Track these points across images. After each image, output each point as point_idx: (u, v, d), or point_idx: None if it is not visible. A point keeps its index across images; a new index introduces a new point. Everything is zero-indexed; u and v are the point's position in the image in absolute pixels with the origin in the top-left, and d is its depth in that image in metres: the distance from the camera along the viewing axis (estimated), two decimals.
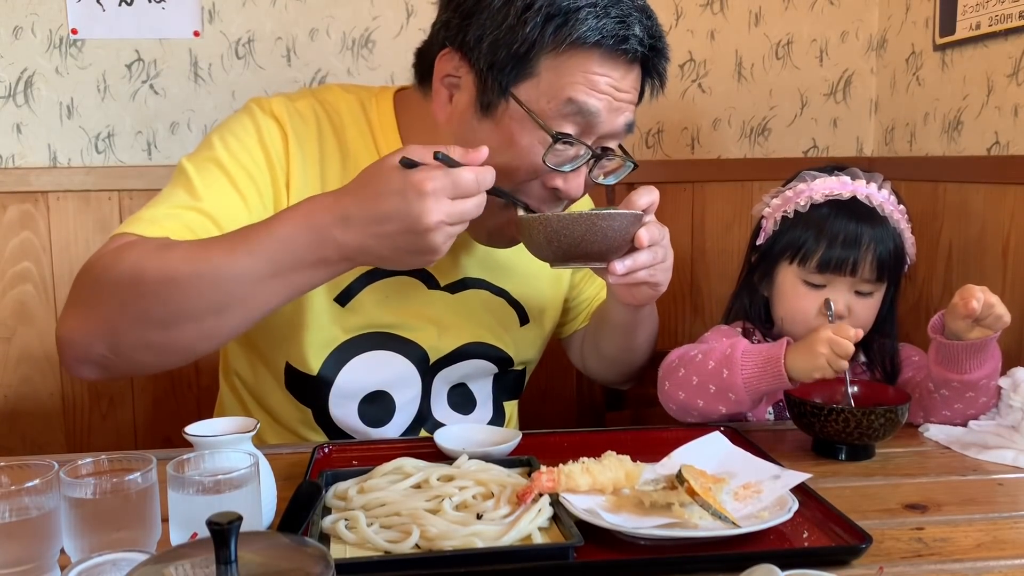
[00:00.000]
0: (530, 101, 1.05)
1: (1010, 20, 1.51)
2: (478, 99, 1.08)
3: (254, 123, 1.14)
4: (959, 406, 1.20)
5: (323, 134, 1.18)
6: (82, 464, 0.80)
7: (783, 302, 1.31)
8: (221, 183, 1.10)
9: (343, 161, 1.18)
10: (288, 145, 1.14)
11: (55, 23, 1.73)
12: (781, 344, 1.14)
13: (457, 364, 1.28)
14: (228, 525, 0.55)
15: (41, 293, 1.78)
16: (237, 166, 1.11)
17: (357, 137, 1.19)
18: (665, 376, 1.22)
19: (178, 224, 1.05)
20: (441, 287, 1.24)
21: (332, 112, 1.20)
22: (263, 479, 0.86)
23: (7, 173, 1.74)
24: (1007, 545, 0.86)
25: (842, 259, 1.25)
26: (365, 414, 1.24)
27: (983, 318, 1.13)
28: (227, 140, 1.13)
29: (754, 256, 1.38)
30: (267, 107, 1.16)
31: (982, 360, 1.16)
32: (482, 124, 1.08)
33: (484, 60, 1.05)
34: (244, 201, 1.10)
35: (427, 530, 0.82)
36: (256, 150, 1.13)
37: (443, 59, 1.10)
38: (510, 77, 1.05)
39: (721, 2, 1.92)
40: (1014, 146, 1.54)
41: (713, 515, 0.84)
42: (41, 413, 1.81)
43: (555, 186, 1.09)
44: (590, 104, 1.04)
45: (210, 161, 1.11)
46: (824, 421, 1.09)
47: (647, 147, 1.95)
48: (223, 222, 1.07)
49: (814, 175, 1.32)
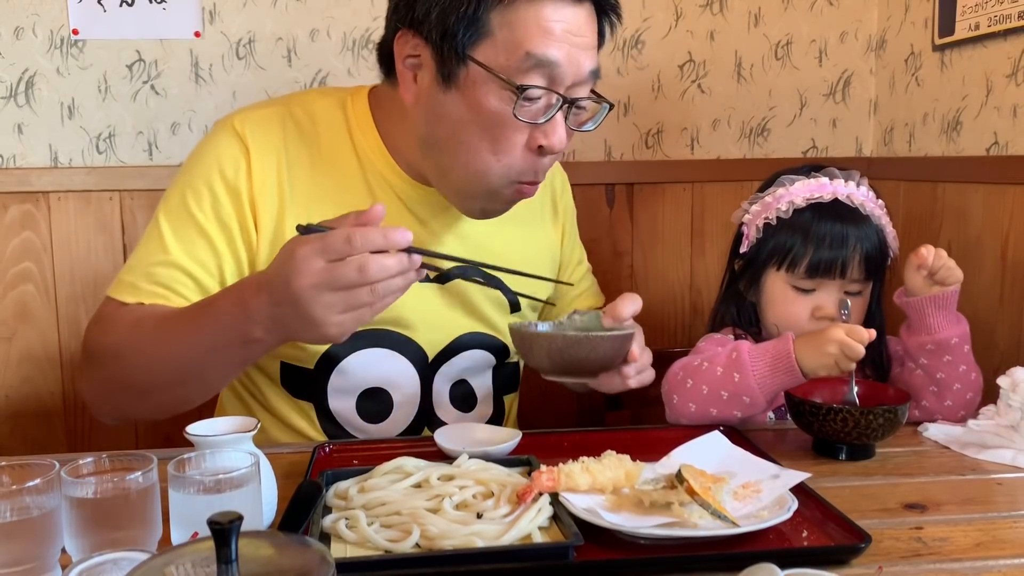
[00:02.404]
0: (489, 61, 1.04)
1: (1009, 20, 1.51)
2: (439, 71, 1.08)
3: (214, 153, 1.17)
4: (942, 376, 1.22)
5: (289, 140, 1.19)
6: (83, 463, 0.80)
7: (773, 309, 1.31)
8: (187, 231, 1.14)
9: (312, 165, 1.19)
10: (250, 159, 1.16)
11: (56, 23, 1.73)
12: (787, 339, 1.13)
13: (456, 358, 1.28)
14: (229, 524, 0.55)
15: (42, 293, 1.78)
16: (201, 209, 1.15)
17: (334, 138, 1.20)
18: (672, 391, 1.20)
19: (153, 285, 1.13)
20: (431, 279, 1.24)
21: (304, 117, 1.21)
22: (264, 478, 0.86)
23: (8, 173, 1.74)
24: (1006, 545, 0.87)
25: (831, 262, 1.25)
26: (363, 409, 1.25)
27: (936, 271, 1.21)
28: (194, 184, 1.16)
29: (738, 263, 1.38)
30: (230, 126, 1.18)
31: (948, 317, 1.22)
32: (448, 96, 1.08)
33: (436, 31, 1.05)
34: (210, 243, 1.15)
35: (427, 529, 0.82)
36: (217, 184, 1.15)
37: (399, 41, 1.11)
38: (465, 41, 1.04)
39: (721, 3, 1.93)
40: (1013, 146, 1.54)
41: (713, 514, 0.84)
42: (42, 413, 1.81)
43: (539, 144, 1.09)
44: (549, 54, 1.04)
45: (178, 209, 1.16)
46: (823, 421, 1.09)
47: (647, 147, 1.95)
48: (193, 270, 1.14)
49: (792, 178, 1.32)
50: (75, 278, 1.79)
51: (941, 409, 1.24)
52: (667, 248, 1.99)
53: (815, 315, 1.28)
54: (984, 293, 1.59)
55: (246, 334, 0.98)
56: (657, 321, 2.01)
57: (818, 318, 1.28)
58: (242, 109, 1.23)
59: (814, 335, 1.12)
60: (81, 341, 1.17)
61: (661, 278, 2.00)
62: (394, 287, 0.92)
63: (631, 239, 1.97)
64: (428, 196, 1.22)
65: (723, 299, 1.40)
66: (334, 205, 1.14)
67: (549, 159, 1.12)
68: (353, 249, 0.88)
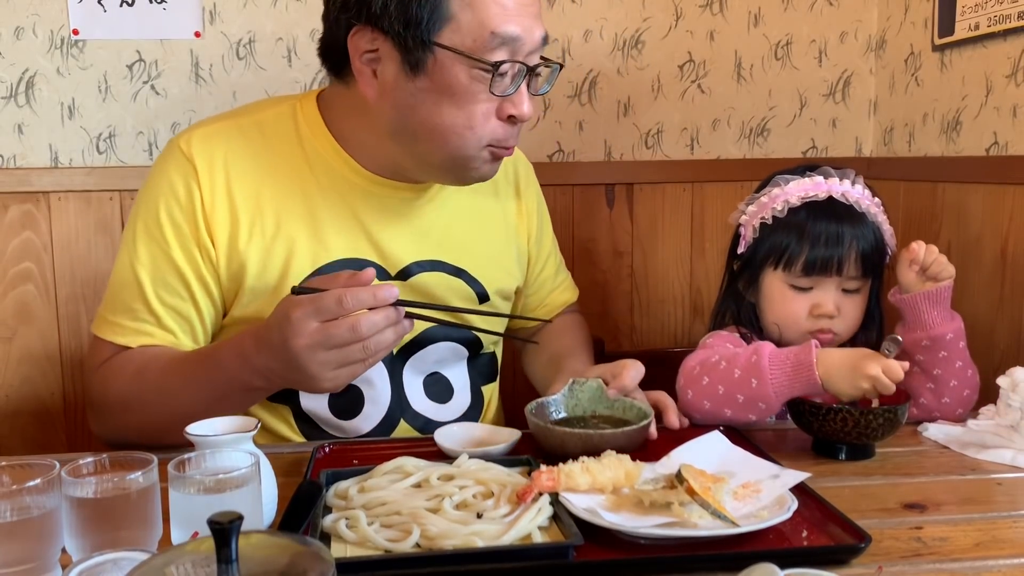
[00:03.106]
0: (456, 44, 1.08)
1: (1009, 20, 1.51)
2: (404, 62, 1.10)
3: (166, 178, 1.19)
4: (938, 372, 1.22)
5: (233, 152, 1.20)
6: (83, 463, 0.80)
7: (772, 308, 1.32)
8: (155, 261, 1.18)
9: (259, 173, 1.20)
10: (198, 177, 1.18)
11: (56, 23, 1.73)
12: (809, 348, 1.11)
13: (423, 351, 1.29)
14: (229, 524, 0.55)
15: (42, 293, 1.78)
16: (163, 237, 1.18)
17: (281, 144, 1.22)
18: (687, 385, 1.19)
19: (138, 323, 1.18)
20: (392, 276, 1.25)
21: (251, 127, 1.23)
22: (264, 478, 0.86)
23: (8, 173, 1.74)
24: (1005, 544, 0.86)
25: (827, 259, 1.26)
26: (336, 406, 1.25)
27: (927, 266, 1.21)
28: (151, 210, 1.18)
29: (736, 264, 1.38)
30: (175, 147, 1.20)
31: (942, 312, 1.22)
32: (417, 84, 1.10)
33: (398, 21, 1.07)
34: (177, 270, 1.18)
35: (427, 529, 0.82)
36: (174, 208, 1.18)
37: (355, 38, 1.12)
38: (429, 28, 1.07)
39: (720, 3, 1.93)
40: (1013, 146, 1.54)
41: (712, 514, 0.84)
42: (42, 413, 1.81)
43: (509, 113, 1.13)
44: (511, 30, 1.08)
45: (143, 239, 1.19)
46: (823, 420, 1.09)
47: (647, 147, 1.95)
48: (170, 301, 1.18)
49: (787, 178, 1.32)
50: (75, 278, 1.79)
51: (939, 407, 1.24)
52: (667, 248, 1.99)
53: (813, 313, 1.28)
54: (984, 293, 1.59)
55: (247, 384, 1.06)
56: (657, 321, 2.01)
57: (816, 316, 1.28)
58: (191, 127, 1.25)
59: (851, 363, 1.09)
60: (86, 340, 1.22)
61: (661, 278, 2.00)
62: (385, 341, 0.98)
63: (631, 239, 1.97)
64: (388, 190, 1.23)
65: (723, 299, 1.40)
66: (280, 210, 1.20)
67: (520, 126, 1.16)
68: (344, 309, 0.95)
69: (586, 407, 1.17)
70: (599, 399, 1.17)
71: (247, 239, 1.18)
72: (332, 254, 1.21)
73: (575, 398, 1.17)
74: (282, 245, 1.19)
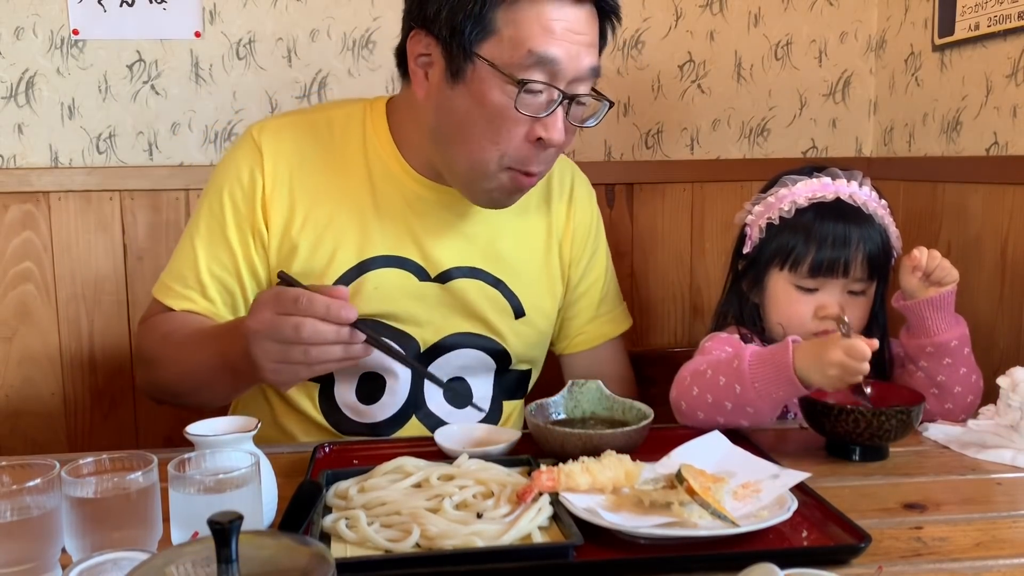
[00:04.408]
0: (494, 57, 1.10)
1: (1009, 20, 1.51)
2: (448, 68, 1.13)
3: (234, 162, 1.27)
4: (942, 378, 1.22)
5: (302, 144, 1.27)
6: (83, 463, 0.80)
7: (777, 309, 1.31)
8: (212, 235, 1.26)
9: (323, 166, 1.26)
10: (263, 163, 1.25)
11: (56, 23, 1.73)
12: (786, 349, 1.07)
13: (449, 355, 1.31)
14: (229, 524, 0.55)
15: (43, 293, 1.78)
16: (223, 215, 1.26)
17: (347, 142, 1.28)
18: (680, 396, 1.17)
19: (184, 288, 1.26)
20: (432, 278, 1.28)
21: (321, 123, 1.29)
22: (264, 478, 0.86)
23: (8, 173, 1.74)
24: (1005, 544, 0.87)
25: (833, 261, 1.25)
26: (361, 388, 1.29)
27: (931, 271, 1.21)
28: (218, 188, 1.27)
29: (741, 264, 1.37)
30: (247, 135, 1.28)
31: (947, 319, 1.22)
32: (455, 91, 1.14)
33: (446, 28, 1.11)
34: (229, 247, 1.25)
35: (427, 529, 0.83)
36: (236, 190, 1.25)
37: (412, 41, 1.17)
38: (472, 38, 1.10)
39: (720, 3, 1.93)
40: (1013, 146, 1.54)
41: (712, 514, 0.84)
42: (42, 413, 1.81)
43: (538, 136, 1.13)
44: (550, 52, 1.09)
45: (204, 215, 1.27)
46: (835, 421, 1.08)
47: (647, 147, 1.95)
48: (218, 273, 1.26)
49: (795, 179, 1.31)
50: (75, 278, 1.79)
51: (942, 412, 1.24)
52: (667, 248, 1.99)
53: (818, 315, 1.27)
54: (984, 293, 1.59)
55: (233, 364, 1.08)
56: (657, 321, 2.01)
57: (821, 318, 1.27)
58: (268, 117, 1.33)
59: (815, 352, 1.05)
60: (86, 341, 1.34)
61: (661, 278, 2.00)
62: (330, 355, 1.00)
63: (631, 239, 1.97)
64: (438, 195, 1.26)
65: (726, 299, 1.39)
66: (335, 203, 1.25)
67: (550, 152, 1.17)
68: (297, 309, 0.98)
69: (585, 408, 1.17)
70: (599, 400, 1.17)
71: (300, 227, 1.24)
72: (376, 249, 1.25)
73: (574, 399, 1.18)
74: (332, 236, 1.24)
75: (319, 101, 1.83)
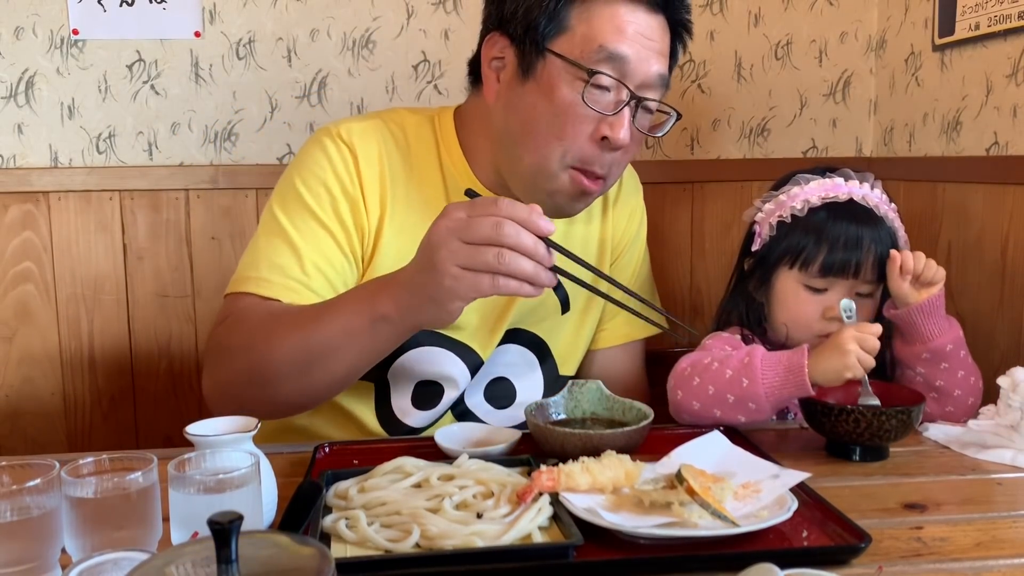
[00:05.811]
0: (565, 52, 1.12)
1: (1009, 20, 1.51)
2: (519, 66, 1.16)
3: (326, 156, 1.22)
4: (941, 383, 1.23)
5: (388, 152, 1.25)
6: (83, 463, 0.80)
7: (784, 308, 1.31)
8: (309, 226, 1.19)
9: (408, 178, 1.25)
10: (359, 165, 1.22)
11: (56, 23, 1.73)
12: (802, 351, 1.11)
13: (496, 351, 1.30)
14: (229, 524, 0.55)
15: (42, 293, 1.78)
16: (320, 206, 1.20)
17: (423, 153, 1.27)
18: (677, 385, 1.19)
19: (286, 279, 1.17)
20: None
21: (398, 131, 1.27)
22: (264, 478, 0.86)
23: (8, 173, 1.74)
24: (1006, 544, 0.87)
25: (845, 262, 1.25)
26: (416, 396, 1.28)
27: (919, 273, 1.22)
28: (308, 182, 1.21)
29: (747, 262, 1.37)
30: (335, 133, 1.24)
31: (939, 323, 1.23)
32: (525, 87, 1.16)
33: (521, 26, 1.14)
34: (333, 237, 1.20)
35: (427, 529, 0.83)
36: (333, 184, 1.21)
37: (488, 44, 1.20)
38: (546, 34, 1.13)
39: (721, 3, 1.93)
40: (1013, 146, 1.54)
41: (712, 514, 0.84)
42: (42, 413, 1.81)
43: (603, 135, 1.13)
44: (620, 49, 1.11)
45: (297, 206, 1.21)
46: (835, 421, 1.08)
47: (647, 147, 1.95)
48: (321, 264, 1.19)
49: (807, 177, 1.31)
50: (75, 278, 1.79)
51: (942, 415, 1.24)
52: (667, 248, 1.99)
53: (825, 316, 1.27)
54: (984, 293, 1.59)
55: (374, 311, 1.02)
56: None
57: (828, 319, 1.27)
58: (336, 121, 1.27)
59: (827, 343, 1.12)
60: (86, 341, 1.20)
61: (661, 278, 1.99)
62: (522, 267, 0.93)
63: None
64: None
65: (730, 298, 1.39)
66: (420, 217, 1.19)
67: (615, 155, 1.17)
68: (497, 210, 0.93)
69: (585, 409, 1.17)
70: (599, 401, 1.17)
71: (389, 231, 1.23)
72: None
73: (574, 399, 1.18)
74: (408, 241, 1.21)
75: (319, 101, 1.82)
